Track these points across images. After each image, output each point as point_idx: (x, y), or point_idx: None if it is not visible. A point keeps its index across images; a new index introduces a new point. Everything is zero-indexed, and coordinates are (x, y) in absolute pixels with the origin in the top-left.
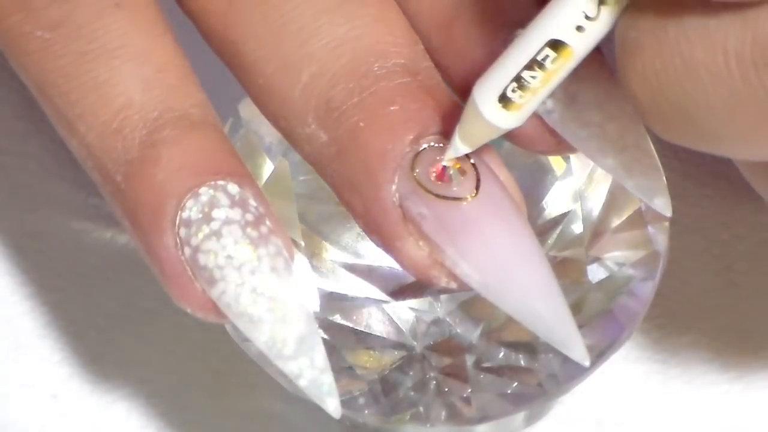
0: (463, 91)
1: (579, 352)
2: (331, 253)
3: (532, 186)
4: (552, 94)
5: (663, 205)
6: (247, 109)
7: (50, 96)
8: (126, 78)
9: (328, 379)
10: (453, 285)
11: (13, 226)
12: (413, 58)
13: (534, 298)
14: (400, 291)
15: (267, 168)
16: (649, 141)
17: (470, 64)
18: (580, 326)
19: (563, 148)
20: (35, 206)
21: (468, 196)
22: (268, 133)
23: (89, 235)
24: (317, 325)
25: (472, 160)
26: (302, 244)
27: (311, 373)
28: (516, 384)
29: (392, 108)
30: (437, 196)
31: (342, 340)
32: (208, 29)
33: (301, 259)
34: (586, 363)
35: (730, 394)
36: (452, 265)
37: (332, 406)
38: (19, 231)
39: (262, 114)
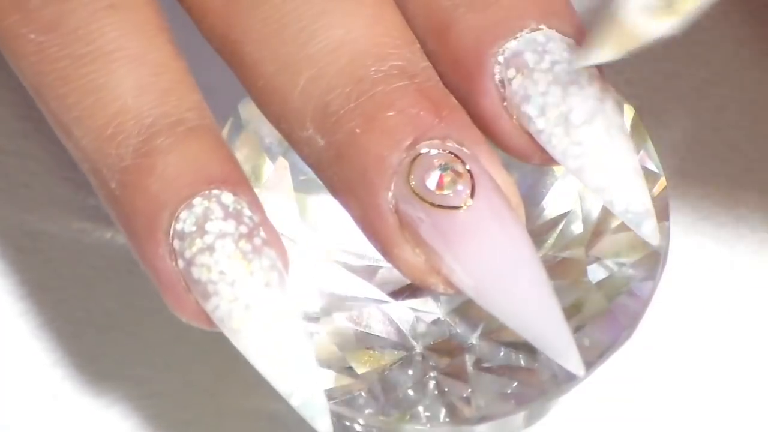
0: (457, 98)
1: (574, 363)
2: (331, 253)
3: (532, 186)
4: (542, 113)
5: (650, 232)
6: (247, 109)
7: (47, 99)
8: (121, 82)
9: (320, 398)
10: (450, 291)
11: (12, 226)
12: (411, 59)
13: (529, 309)
14: (400, 291)
15: (267, 168)
16: (638, 161)
17: (464, 73)
18: (580, 326)
19: (555, 162)
20: (35, 206)
21: (463, 205)
22: (268, 133)
23: (89, 235)
24: (311, 342)
25: (467, 166)
26: (302, 244)
27: (303, 392)
28: (516, 384)
29: (389, 113)
30: (432, 204)
31: (342, 340)
32: (208, 28)
33: (300, 259)
34: (581, 373)
35: (732, 393)
36: (449, 272)
37: (324, 426)
38: (19, 231)
39: (263, 114)
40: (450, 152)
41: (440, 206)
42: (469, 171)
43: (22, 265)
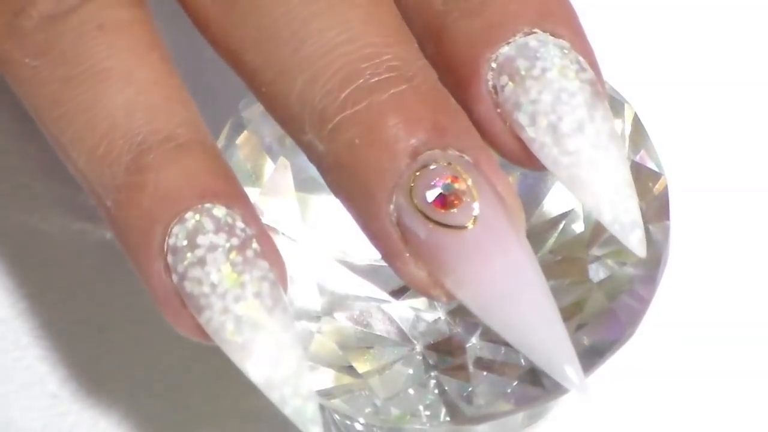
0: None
1: (577, 384)
2: (332, 253)
3: (533, 185)
4: (533, 122)
5: (636, 243)
6: (248, 109)
7: (44, 122)
8: (110, 101)
9: (312, 406)
10: (453, 300)
11: (12, 226)
12: (406, 58)
13: (532, 329)
14: (400, 290)
15: (268, 167)
16: (628, 170)
17: (458, 79)
18: (581, 326)
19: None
20: (35, 206)
21: (467, 224)
22: (269, 132)
23: (89, 235)
24: (304, 350)
25: (469, 182)
26: (303, 243)
27: (295, 401)
28: (516, 383)
29: (388, 123)
30: (436, 223)
31: (342, 339)
32: (211, 38)
33: (301, 259)
34: (584, 393)
35: (732, 393)
36: (452, 288)
37: None
38: (19, 231)
39: (266, 119)
40: (451, 163)
41: (443, 225)
42: (471, 186)
43: (22, 265)
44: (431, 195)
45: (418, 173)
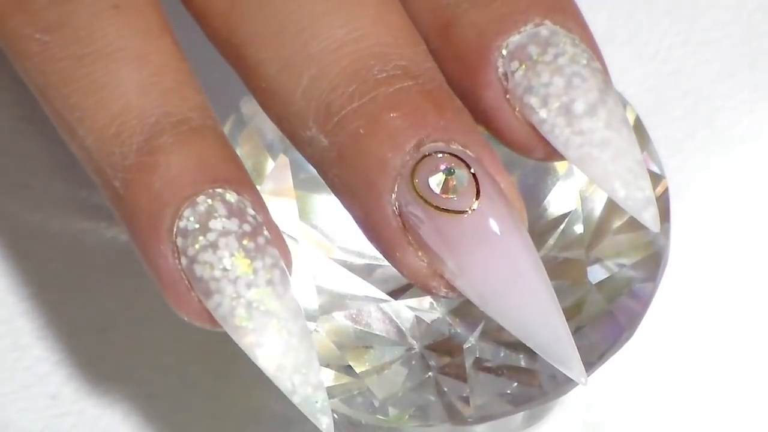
0: (460, 95)
1: (576, 371)
2: (331, 252)
3: (534, 186)
4: (545, 103)
5: (651, 219)
6: (249, 106)
7: (50, 99)
8: (123, 82)
9: (321, 396)
10: (452, 295)
11: (13, 227)
12: (414, 60)
13: (532, 317)
14: (399, 290)
15: (268, 165)
16: (640, 152)
17: (467, 67)
18: (580, 327)
19: (558, 156)
20: (35, 206)
21: (468, 209)
22: (270, 130)
23: (89, 235)
24: (313, 340)
25: (472, 170)
26: (302, 242)
27: (305, 390)
28: (515, 384)
29: (392, 115)
30: (437, 208)
31: (341, 339)
32: (212, 31)
33: (300, 257)
34: (583, 381)
35: (732, 394)
36: (451, 277)
37: (325, 423)
38: (19, 231)
39: (267, 116)
40: (454, 154)
41: (444, 210)
42: (473, 174)
43: (23, 265)
44: (433, 181)
45: (420, 162)
